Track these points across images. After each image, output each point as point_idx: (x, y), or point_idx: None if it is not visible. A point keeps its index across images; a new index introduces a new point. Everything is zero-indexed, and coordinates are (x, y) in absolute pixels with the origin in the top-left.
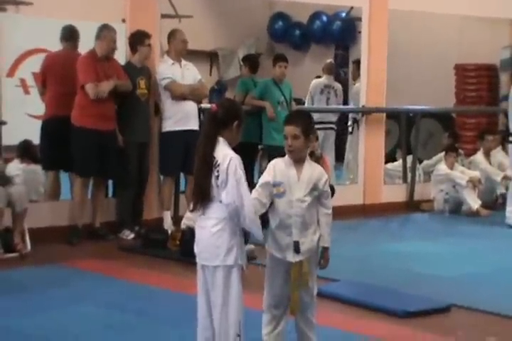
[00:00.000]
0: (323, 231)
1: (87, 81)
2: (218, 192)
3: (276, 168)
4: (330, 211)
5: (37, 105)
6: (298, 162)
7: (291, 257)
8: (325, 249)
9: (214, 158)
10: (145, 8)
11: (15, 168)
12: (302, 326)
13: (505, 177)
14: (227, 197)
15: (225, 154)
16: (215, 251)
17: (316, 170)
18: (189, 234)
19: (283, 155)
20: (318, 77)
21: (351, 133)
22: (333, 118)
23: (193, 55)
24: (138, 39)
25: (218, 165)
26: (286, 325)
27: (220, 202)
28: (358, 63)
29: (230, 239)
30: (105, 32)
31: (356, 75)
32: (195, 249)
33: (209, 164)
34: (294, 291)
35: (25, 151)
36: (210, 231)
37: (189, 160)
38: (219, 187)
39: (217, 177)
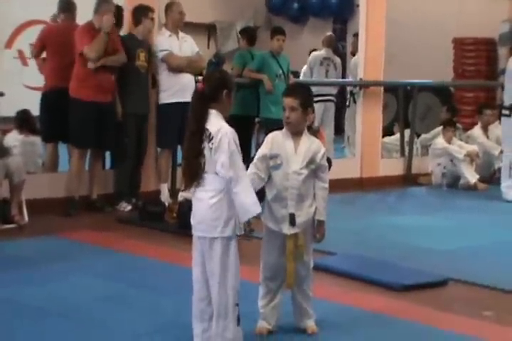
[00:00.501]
0: (319, 205)
1: (84, 45)
2: (213, 164)
3: (274, 141)
4: (326, 185)
5: (35, 76)
6: (296, 135)
7: (287, 229)
8: (320, 223)
9: (207, 130)
10: None
11: (13, 138)
12: (299, 299)
13: (503, 151)
14: (223, 170)
15: (218, 126)
16: (213, 223)
17: (314, 143)
18: (186, 206)
19: (280, 128)
20: (314, 50)
21: (348, 106)
22: (333, 90)
23: (191, 28)
24: (142, 12)
25: (212, 138)
26: (282, 298)
27: (216, 173)
28: (357, 36)
29: (228, 211)
30: (104, 6)
31: (356, 48)
32: (192, 221)
33: (199, 142)
34: (290, 264)
35: (23, 122)
36: (208, 203)
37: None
38: (213, 160)
39: (211, 149)
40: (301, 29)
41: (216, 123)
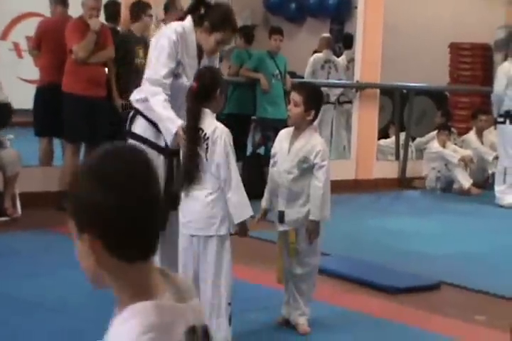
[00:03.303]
0: (312, 204)
1: (73, 43)
2: (209, 164)
3: (277, 139)
4: (321, 184)
5: (30, 69)
6: (298, 132)
7: (278, 226)
8: (311, 222)
9: (202, 130)
10: None
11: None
12: (295, 294)
13: (497, 158)
14: (218, 171)
15: (213, 127)
16: (209, 221)
17: (311, 142)
18: None
19: (275, 128)
20: (316, 52)
21: (335, 108)
22: (335, 92)
23: None
24: (141, 8)
25: (208, 138)
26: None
27: (212, 173)
28: (345, 38)
29: (223, 209)
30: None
31: (343, 49)
32: (182, 219)
33: (194, 140)
34: (278, 259)
35: None
36: (204, 200)
37: None
38: (208, 160)
39: (207, 149)
40: (299, 29)
41: (211, 124)
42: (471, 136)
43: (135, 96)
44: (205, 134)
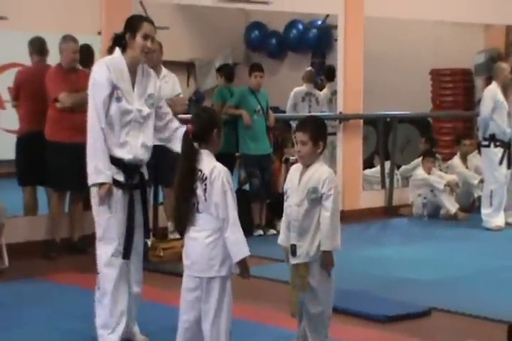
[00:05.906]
0: (322, 235)
1: (58, 92)
2: (207, 204)
3: (289, 175)
4: (328, 213)
5: (12, 119)
6: (307, 166)
7: (290, 259)
8: (324, 253)
9: (200, 170)
10: (121, 20)
11: None
12: (308, 334)
13: (482, 181)
14: (216, 211)
15: (211, 167)
16: (209, 262)
17: (318, 172)
18: None
19: (258, 163)
20: None
21: None
22: None
23: (170, 66)
24: None
25: (206, 178)
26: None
27: (211, 214)
28: (327, 70)
29: (224, 250)
30: (62, 44)
31: (325, 82)
32: (185, 261)
33: (191, 182)
34: (291, 293)
35: None
36: (203, 242)
37: (162, 172)
38: (207, 200)
39: (205, 190)
40: (280, 64)
41: (209, 164)
42: (456, 160)
43: None
44: (204, 175)
